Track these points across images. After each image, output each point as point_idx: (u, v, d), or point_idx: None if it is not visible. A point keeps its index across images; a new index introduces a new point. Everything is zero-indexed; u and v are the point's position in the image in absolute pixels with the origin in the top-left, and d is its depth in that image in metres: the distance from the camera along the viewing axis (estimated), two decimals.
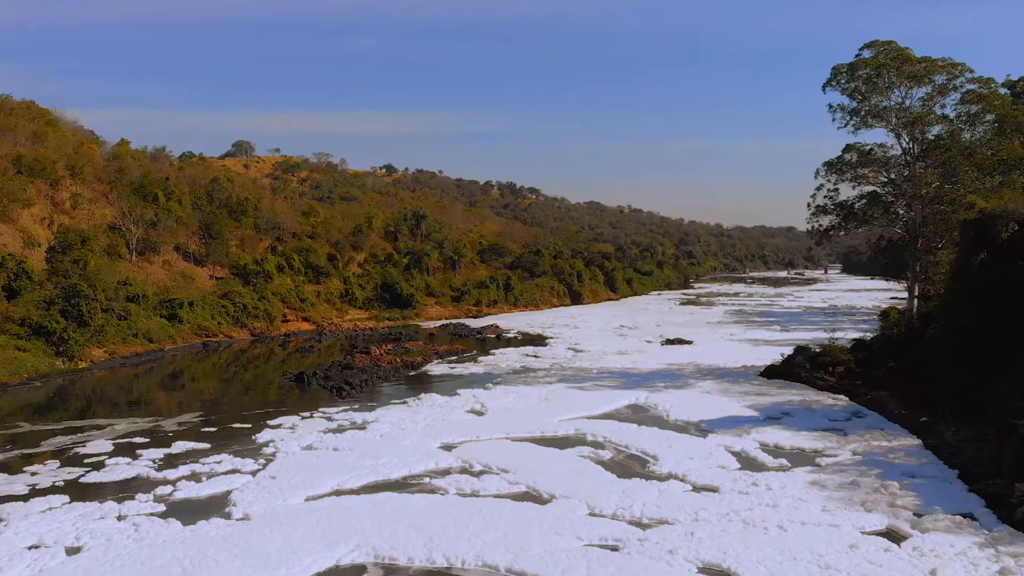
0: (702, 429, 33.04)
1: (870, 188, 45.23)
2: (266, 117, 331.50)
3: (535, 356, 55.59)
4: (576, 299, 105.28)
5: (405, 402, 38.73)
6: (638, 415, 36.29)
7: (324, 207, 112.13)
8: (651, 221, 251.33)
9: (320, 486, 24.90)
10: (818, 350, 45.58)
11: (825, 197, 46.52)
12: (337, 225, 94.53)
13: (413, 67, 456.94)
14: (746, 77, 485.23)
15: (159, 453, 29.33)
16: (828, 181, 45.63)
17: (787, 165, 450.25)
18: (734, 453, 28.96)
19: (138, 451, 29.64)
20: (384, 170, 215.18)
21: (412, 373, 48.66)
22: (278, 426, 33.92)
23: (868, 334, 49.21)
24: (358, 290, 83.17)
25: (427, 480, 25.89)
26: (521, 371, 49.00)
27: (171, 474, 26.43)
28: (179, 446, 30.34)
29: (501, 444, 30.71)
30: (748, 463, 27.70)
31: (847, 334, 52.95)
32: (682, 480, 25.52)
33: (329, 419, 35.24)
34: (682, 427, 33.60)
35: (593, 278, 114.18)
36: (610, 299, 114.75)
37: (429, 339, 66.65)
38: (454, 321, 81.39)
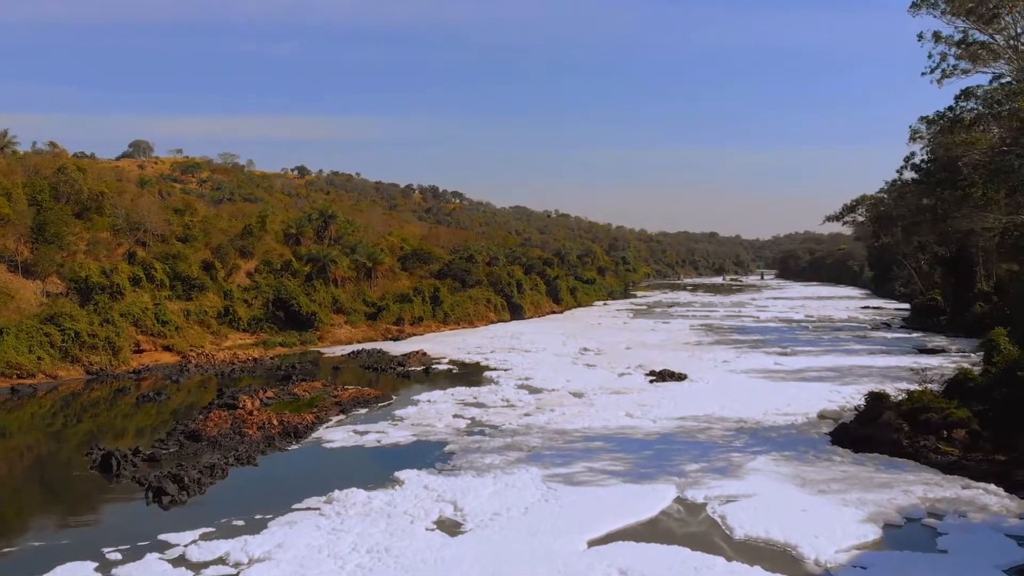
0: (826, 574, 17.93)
1: (977, 157, 30.77)
2: (173, 121, 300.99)
3: (479, 404, 39.10)
4: (516, 313, 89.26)
5: (316, 509, 22.47)
6: (697, 528, 21.32)
7: (212, 206, 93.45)
8: (579, 226, 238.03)
9: None
10: (904, 397, 31.11)
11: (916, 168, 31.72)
12: (221, 226, 75.70)
13: (332, 72, 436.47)
14: (667, 84, 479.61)
15: None
16: (928, 145, 30.81)
17: (707, 172, 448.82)
18: None
19: None
20: (296, 172, 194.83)
21: (295, 446, 30.67)
22: None
23: (947, 367, 35.51)
24: (242, 307, 64.86)
25: None
26: (468, 431, 32.86)
27: None
28: None
29: None
30: None
31: (878, 360, 39.31)
32: None
33: (177, 559, 18.84)
34: (793, 566, 18.35)
35: (534, 288, 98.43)
36: (554, 312, 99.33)
37: (332, 375, 49.62)
38: (368, 346, 64.19)
